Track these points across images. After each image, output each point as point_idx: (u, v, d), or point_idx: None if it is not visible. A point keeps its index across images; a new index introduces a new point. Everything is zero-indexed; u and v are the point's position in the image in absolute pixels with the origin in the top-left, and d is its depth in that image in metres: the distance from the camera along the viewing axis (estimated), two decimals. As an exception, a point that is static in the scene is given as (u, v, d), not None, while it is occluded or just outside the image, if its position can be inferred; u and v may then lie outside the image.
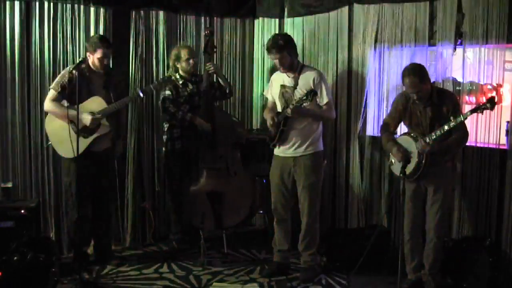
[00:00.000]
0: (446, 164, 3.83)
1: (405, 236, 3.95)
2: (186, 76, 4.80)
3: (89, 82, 4.25)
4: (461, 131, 3.70)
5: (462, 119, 3.52)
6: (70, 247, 4.65)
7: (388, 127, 4.05)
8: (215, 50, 4.87)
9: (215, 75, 4.88)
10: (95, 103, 4.21)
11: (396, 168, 3.89)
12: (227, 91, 4.92)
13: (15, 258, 3.65)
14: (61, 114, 4.13)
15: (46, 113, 4.31)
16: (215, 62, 5.07)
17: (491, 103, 3.42)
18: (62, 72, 4.25)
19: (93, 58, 4.22)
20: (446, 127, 3.58)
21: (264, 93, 4.51)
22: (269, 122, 4.23)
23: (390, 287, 3.93)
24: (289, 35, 4.32)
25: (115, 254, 4.68)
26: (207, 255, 4.60)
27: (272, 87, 4.36)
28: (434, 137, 3.65)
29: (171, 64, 4.84)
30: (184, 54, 4.74)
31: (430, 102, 3.76)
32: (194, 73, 4.88)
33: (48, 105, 4.22)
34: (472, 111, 3.51)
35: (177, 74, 4.76)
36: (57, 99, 4.18)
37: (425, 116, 3.79)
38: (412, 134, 3.85)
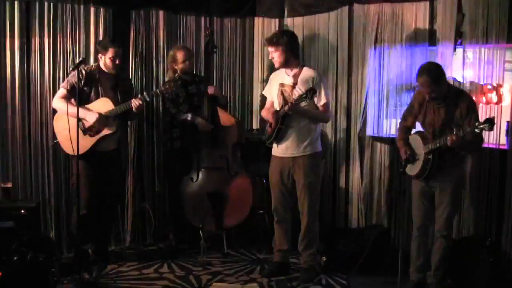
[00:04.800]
0: (455, 167, 3.79)
1: (413, 234, 3.94)
2: (185, 77, 4.81)
3: (98, 84, 4.28)
4: (476, 137, 3.59)
5: (461, 134, 3.47)
6: (70, 246, 4.65)
7: (405, 121, 4.01)
8: (215, 50, 4.87)
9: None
10: (104, 104, 4.24)
11: (409, 169, 3.86)
12: (222, 104, 4.96)
13: (15, 258, 3.65)
14: (69, 112, 4.16)
15: (54, 112, 4.35)
16: (215, 63, 5.08)
17: (490, 124, 3.32)
18: (73, 72, 4.28)
19: (105, 59, 4.26)
20: (448, 139, 3.51)
21: (263, 92, 4.50)
22: (270, 118, 4.21)
23: (390, 287, 3.92)
24: (291, 33, 4.26)
25: (112, 254, 4.69)
26: (207, 255, 4.61)
27: (271, 85, 4.35)
28: (438, 145, 3.62)
29: (168, 66, 4.86)
30: (180, 56, 4.76)
31: (445, 103, 3.71)
32: (192, 73, 4.88)
33: (56, 102, 4.27)
34: (472, 129, 3.42)
35: (175, 75, 4.77)
36: (66, 97, 4.21)
37: (438, 116, 3.75)
38: (424, 134, 3.82)
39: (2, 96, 4.51)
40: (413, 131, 4.00)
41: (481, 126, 3.36)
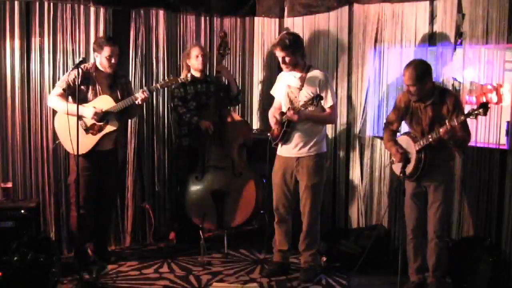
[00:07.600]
0: (445, 164, 3.82)
1: (408, 236, 3.94)
2: (198, 75, 4.84)
3: (95, 83, 4.29)
4: (464, 132, 3.65)
5: (455, 123, 3.46)
6: (70, 246, 4.65)
7: (390, 125, 4.03)
8: (227, 52, 4.89)
9: (226, 80, 4.97)
10: (104, 102, 4.24)
11: (397, 168, 3.89)
12: (234, 98, 4.97)
13: (15, 258, 3.65)
14: (64, 110, 4.15)
15: (55, 112, 4.36)
16: (214, 63, 5.10)
17: (484, 108, 3.34)
18: (69, 71, 4.27)
19: (101, 58, 4.27)
20: (441, 130, 3.54)
21: (271, 92, 4.49)
22: (271, 121, 4.23)
23: (390, 287, 3.92)
24: (298, 35, 4.23)
25: (112, 254, 4.70)
26: (207, 255, 4.61)
27: (278, 85, 4.35)
28: (431, 140, 3.63)
29: (183, 64, 4.94)
30: (193, 51, 4.83)
31: (431, 101, 3.74)
32: (205, 72, 4.94)
33: (52, 100, 4.27)
34: (466, 115, 3.44)
35: (188, 73, 4.80)
36: (61, 96, 4.22)
37: (425, 115, 3.77)
38: (411, 134, 3.84)
39: (2, 96, 4.51)
40: (398, 134, 4.02)
41: (476, 112, 3.36)
